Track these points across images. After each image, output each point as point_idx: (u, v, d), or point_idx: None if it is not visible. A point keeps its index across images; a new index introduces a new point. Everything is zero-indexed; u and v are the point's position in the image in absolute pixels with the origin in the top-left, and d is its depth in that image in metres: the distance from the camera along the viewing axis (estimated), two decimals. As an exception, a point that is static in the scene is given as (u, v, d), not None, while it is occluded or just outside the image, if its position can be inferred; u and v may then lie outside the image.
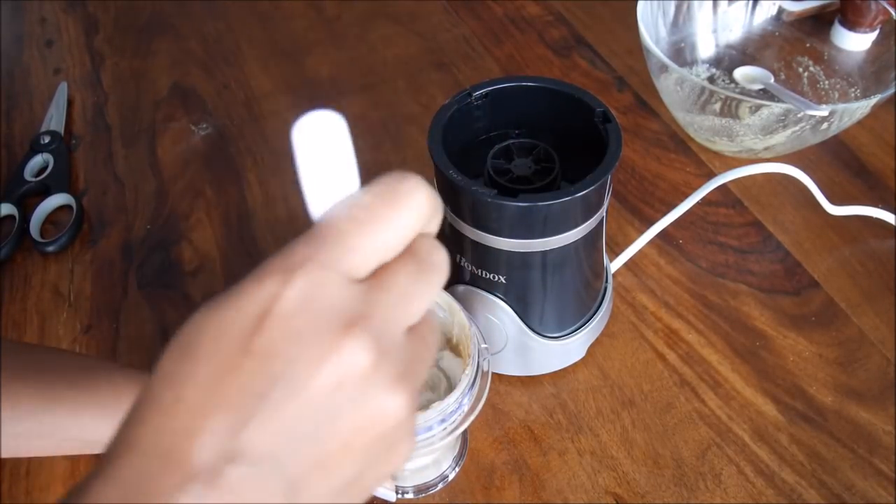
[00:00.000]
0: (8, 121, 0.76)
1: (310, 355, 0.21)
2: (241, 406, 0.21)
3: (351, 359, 0.21)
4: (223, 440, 0.20)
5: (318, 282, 0.22)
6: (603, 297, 0.54)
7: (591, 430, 0.51)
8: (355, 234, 0.23)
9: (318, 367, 0.21)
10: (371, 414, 0.22)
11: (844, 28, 0.69)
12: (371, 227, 0.23)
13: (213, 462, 0.20)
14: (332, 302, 0.22)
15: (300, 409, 0.21)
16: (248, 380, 0.21)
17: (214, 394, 0.21)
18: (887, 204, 0.63)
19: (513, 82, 0.49)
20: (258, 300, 0.21)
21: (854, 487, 0.48)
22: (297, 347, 0.21)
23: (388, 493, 0.46)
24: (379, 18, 0.86)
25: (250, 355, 0.21)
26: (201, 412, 0.21)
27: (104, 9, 0.89)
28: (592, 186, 0.42)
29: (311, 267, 0.22)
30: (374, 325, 0.22)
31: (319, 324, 0.21)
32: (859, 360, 0.54)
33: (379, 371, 0.22)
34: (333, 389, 0.21)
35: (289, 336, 0.21)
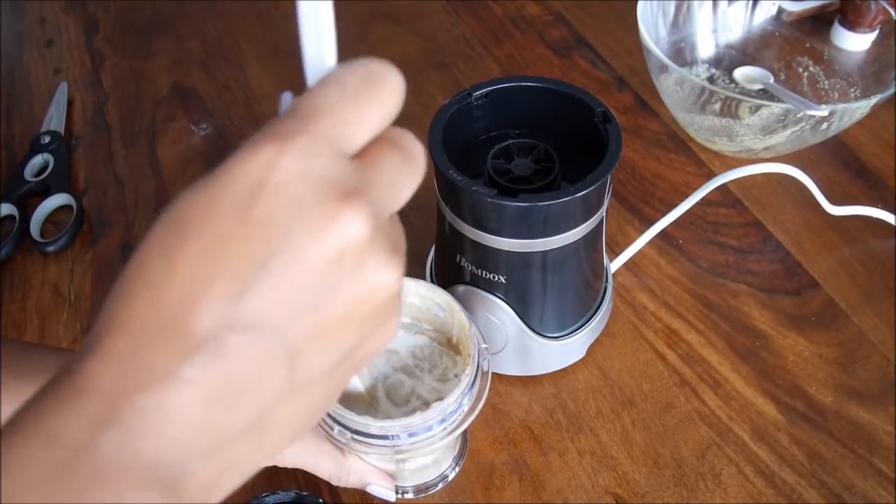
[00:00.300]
0: (8, 121, 0.76)
1: (310, 223, 0.21)
2: (240, 274, 0.20)
3: (351, 228, 0.21)
4: (224, 308, 0.20)
5: (314, 151, 0.21)
6: (603, 297, 0.54)
7: (591, 430, 0.51)
8: (345, 108, 0.23)
9: (318, 235, 0.21)
10: (368, 286, 0.22)
11: (844, 28, 0.69)
12: (360, 101, 0.23)
13: (214, 330, 0.20)
14: (330, 172, 0.22)
15: (301, 277, 0.21)
16: (246, 248, 0.20)
17: (211, 264, 0.20)
18: (887, 204, 0.63)
19: (513, 82, 0.49)
20: (253, 170, 0.21)
21: (854, 487, 0.48)
22: (297, 215, 0.21)
23: (387, 493, 0.46)
24: (379, 18, 0.86)
25: (248, 224, 0.20)
26: (198, 282, 0.20)
27: (104, 9, 0.89)
28: (592, 186, 0.42)
29: (305, 137, 0.21)
30: (371, 199, 0.22)
31: (318, 193, 0.21)
32: (859, 360, 0.54)
33: (374, 244, 0.22)
34: (333, 259, 0.21)
35: (288, 204, 0.21)
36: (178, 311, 0.20)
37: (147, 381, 0.19)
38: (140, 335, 0.20)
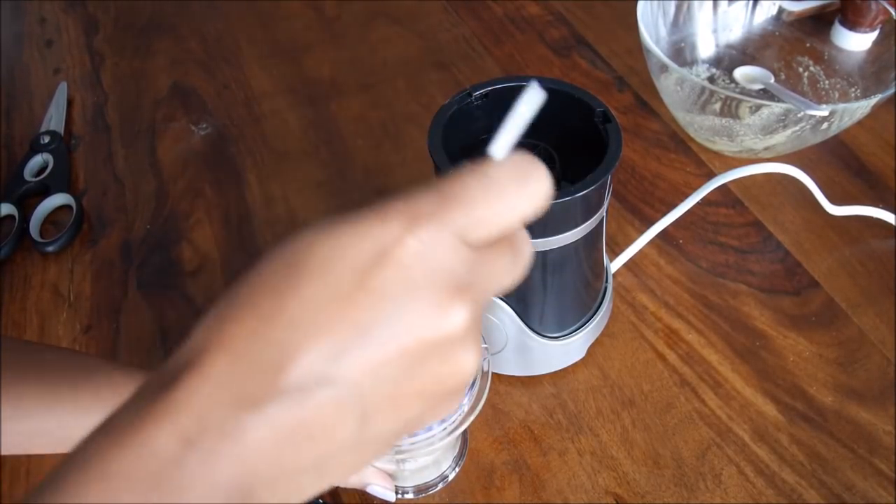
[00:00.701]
0: (8, 121, 0.76)
1: (419, 307, 0.22)
2: (343, 335, 0.21)
3: (454, 321, 0.22)
4: (320, 362, 0.21)
5: (439, 240, 0.22)
6: (603, 297, 0.54)
7: (591, 430, 0.51)
8: (483, 206, 0.23)
9: (423, 320, 0.22)
10: (452, 370, 0.23)
11: (844, 28, 0.69)
12: (499, 203, 0.24)
13: (308, 381, 0.21)
14: (448, 263, 0.23)
15: (395, 352, 0.22)
16: (356, 312, 0.21)
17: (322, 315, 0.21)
18: (887, 204, 0.63)
19: (513, 82, 0.49)
20: (380, 239, 0.22)
21: (854, 487, 0.48)
22: (410, 296, 0.22)
23: (387, 494, 0.46)
24: (379, 18, 0.86)
25: (363, 290, 0.21)
26: (304, 330, 0.21)
27: (104, 9, 0.89)
28: (592, 186, 0.42)
29: (435, 222, 0.22)
30: (477, 295, 0.23)
31: (434, 280, 0.22)
32: (859, 360, 0.54)
33: (468, 335, 0.23)
34: (429, 344, 0.22)
35: (404, 283, 0.22)
36: (279, 351, 0.21)
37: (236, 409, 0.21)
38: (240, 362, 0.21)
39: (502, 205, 0.24)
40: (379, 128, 0.73)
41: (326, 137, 0.72)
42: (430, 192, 0.23)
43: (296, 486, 0.23)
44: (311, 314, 0.21)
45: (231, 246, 0.63)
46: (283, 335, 0.21)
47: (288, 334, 0.21)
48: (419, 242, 0.22)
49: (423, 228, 0.22)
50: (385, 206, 0.23)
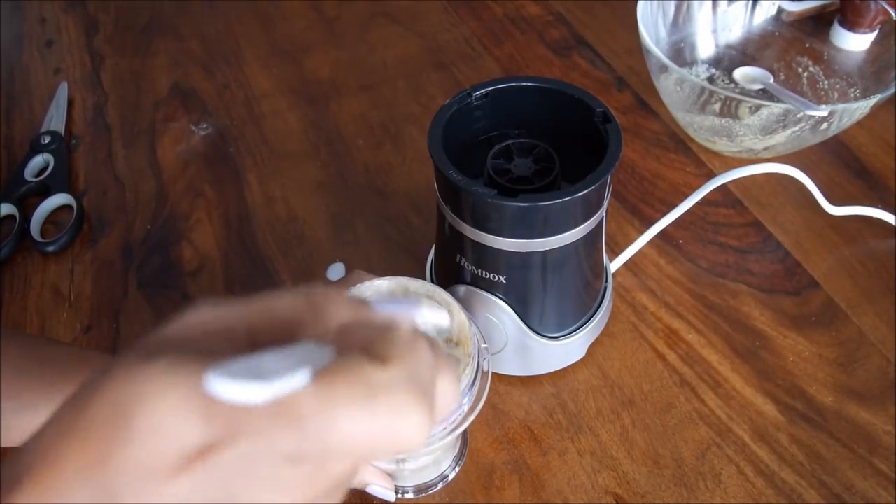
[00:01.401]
0: (8, 121, 0.76)
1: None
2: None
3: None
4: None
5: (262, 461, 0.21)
6: (603, 297, 0.54)
7: (591, 430, 0.51)
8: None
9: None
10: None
11: (844, 28, 0.69)
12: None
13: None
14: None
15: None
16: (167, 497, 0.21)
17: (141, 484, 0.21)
18: (887, 204, 0.63)
19: (513, 82, 0.49)
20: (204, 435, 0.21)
21: (854, 487, 0.48)
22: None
23: (387, 493, 0.46)
24: (379, 18, 0.86)
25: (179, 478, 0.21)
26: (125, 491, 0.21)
27: (104, 9, 0.89)
28: (592, 186, 0.42)
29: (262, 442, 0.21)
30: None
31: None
32: (859, 360, 0.54)
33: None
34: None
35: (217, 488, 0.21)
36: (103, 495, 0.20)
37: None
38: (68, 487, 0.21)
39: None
40: (379, 128, 0.73)
41: (326, 137, 0.72)
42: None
43: None
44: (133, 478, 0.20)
45: (231, 246, 0.64)
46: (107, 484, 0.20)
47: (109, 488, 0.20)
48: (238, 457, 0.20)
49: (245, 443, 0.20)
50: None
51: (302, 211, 0.66)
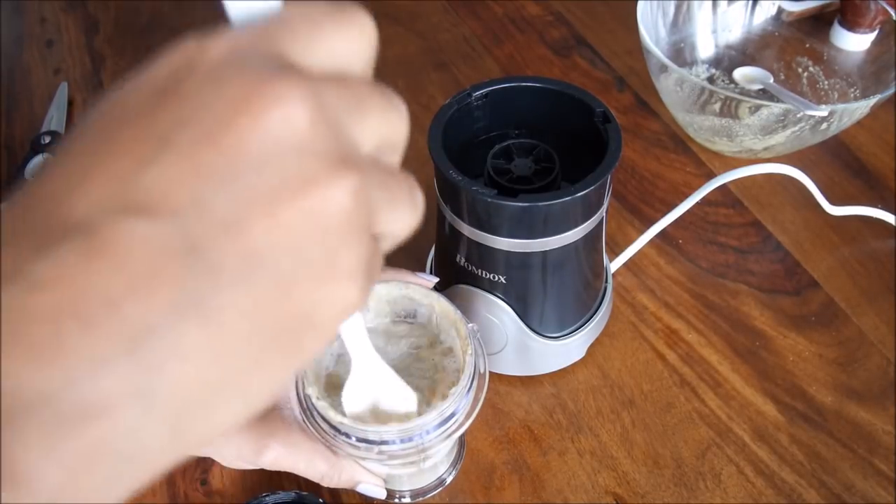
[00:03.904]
0: (8, 121, 0.76)
1: (231, 96, 0.17)
2: (137, 153, 0.16)
3: (282, 102, 0.17)
4: (109, 188, 0.16)
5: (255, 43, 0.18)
6: (603, 297, 0.54)
7: (591, 430, 0.51)
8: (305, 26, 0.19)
9: (240, 109, 0.16)
10: (306, 188, 0.17)
11: (844, 28, 0.69)
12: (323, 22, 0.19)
13: (90, 216, 0.15)
14: (266, 54, 0.18)
15: (212, 154, 0.16)
16: (152, 126, 0.16)
17: (108, 142, 0.16)
18: (887, 204, 0.63)
19: (513, 82, 0.49)
20: (176, 56, 0.18)
21: (854, 487, 0.48)
22: (216, 89, 0.17)
23: (378, 491, 0.46)
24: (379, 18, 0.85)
25: (161, 101, 0.17)
26: (86, 163, 0.16)
27: (104, 9, 0.89)
28: (592, 186, 0.42)
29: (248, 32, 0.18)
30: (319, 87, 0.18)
31: (245, 65, 0.17)
32: (859, 360, 0.54)
33: (319, 138, 0.17)
34: (259, 138, 0.16)
35: (211, 79, 0.17)
36: (50, 199, 0.16)
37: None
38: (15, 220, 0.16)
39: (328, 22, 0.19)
40: (379, 128, 0.73)
41: (326, 137, 0.72)
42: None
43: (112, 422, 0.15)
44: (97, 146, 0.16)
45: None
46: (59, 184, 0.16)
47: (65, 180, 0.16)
48: (228, 42, 0.17)
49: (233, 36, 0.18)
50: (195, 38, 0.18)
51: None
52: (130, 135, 0.16)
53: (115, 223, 0.15)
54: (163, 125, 0.16)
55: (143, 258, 0.15)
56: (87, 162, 0.16)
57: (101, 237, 0.15)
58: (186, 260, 0.16)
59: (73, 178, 0.16)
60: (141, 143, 0.16)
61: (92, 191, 0.15)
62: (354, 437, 0.39)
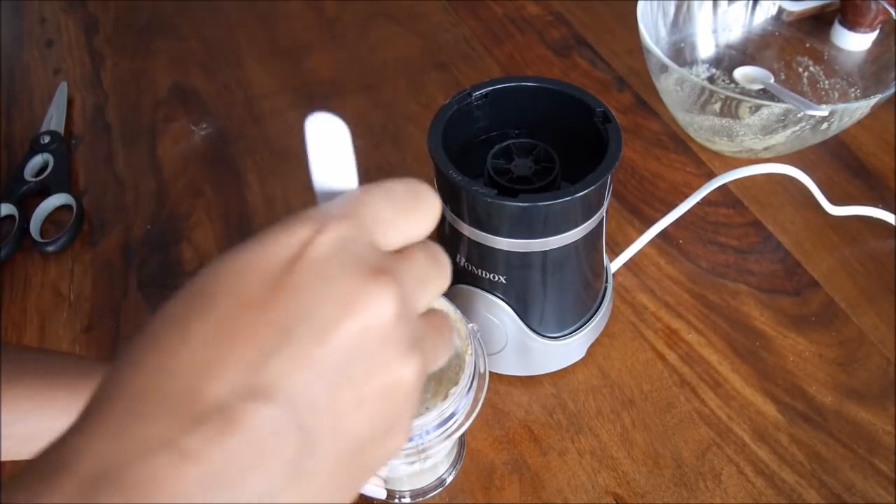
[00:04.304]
0: (8, 120, 0.76)
1: (338, 295, 0.20)
2: (262, 341, 0.19)
3: (378, 304, 0.21)
4: (241, 375, 0.19)
5: (352, 235, 0.22)
6: (603, 297, 0.54)
7: (591, 430, 0.51)
8: (389, 210, 0.23)
9: (346, 308, 0.20)
10: (388, 372, 0.21)
11: (844, 28, 0.69)
12: (402, 210, 0.24)
13: (226, 399, 0.18)
14: (364, 253, 0.22)
15: (324, 350, 0.20)
16: (273, 315, 0.20)
17: (232, 330, 0.19)
18: (887, 204, 0.63)
19: (513, 82, 0.49)
20: (289, 244, 0.21)
21: (854, 487, 0.48)
22: (326, 287, 0.20)
23: (378, 491, 0.46)
24: (379, 18, 0.86)
25: (278, 292, 0.20)
26: (216, 349, 0.19)
27: (104, 9, 0.89)
28: (592, 186, 0.42)
29: (346, 221, 0.22)
30: (401, 280, 0.22)
31: (351, 268, 0.21)
32: (859, 360, 0.54)
33: (399, 328, 0.21)
34: (357, 335, 0.20)
35: (318, 276, 0.20)
36: (188, 379, 0.18)
37: (139, 453, 0.17)
38: (140, 404, 0.18)
39: (405, 210, 0.24)
40: (379, 128, 0.73)
41: (326, 137, 0.72)
42: (335, 202, 0.23)
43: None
44: (223, 332, 0.19)
45: (231, 246, 0.63)
46: (192, 361, 0.19)
47: (198, 358, 0.19)
48: (331, 238, 0.21)
49: (334, 227, 0.21)
50: (290, 218, 0.22)
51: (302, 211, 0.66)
52: (254, 323, 0.19)
53: (246, 407, 0.18)
54: (281, 317, 0.20)
55: (265, 435, 0.19)
56: (220, 344, 0.19)
57: (235, 418, 0.18)
58: (295, 437, 0.19)
59: (209, 358, 0.19)
60: (264, 333, 0.19)
61: (227, 375, 0.19)
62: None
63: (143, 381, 0.19)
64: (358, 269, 0.21)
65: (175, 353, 0.19)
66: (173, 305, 0.20)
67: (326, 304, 0.20)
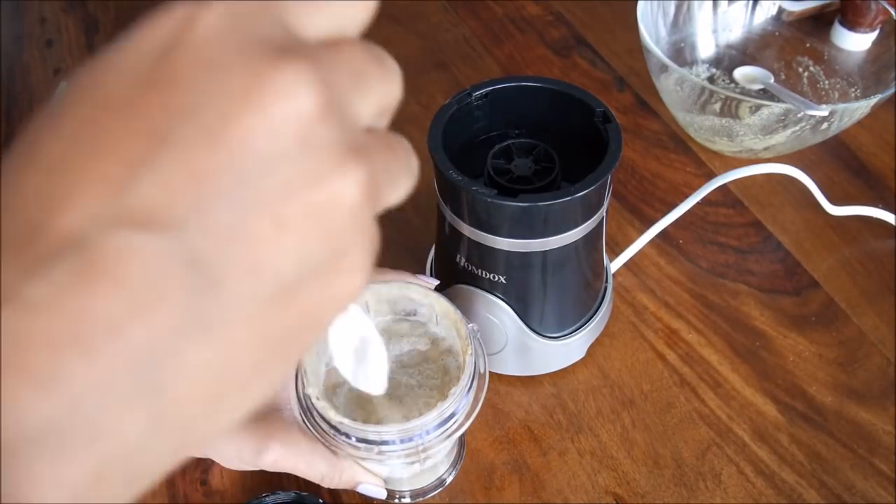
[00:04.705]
0: (8, 120, 0.76)
1: (232, 84, 0.15)
2: (131, 150, 0.14)
3: (288, 92, 0.15)
4: (102, 197, 0.14)
5: (251, 9, 0.16)
6: (603, 297, 0.54)
7: (591, 430, 0.51)
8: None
9: (242, 99, 0.15)
10: (316, 186, 0.16)
11: (844, 28, 0.69)
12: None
13: (82, 229, 0.14)
14: (269, 31, 0.16)
15: (214, 156, 0.15)
16: (144, 117, 0.15)
17: (95, 139, 0.15)
18: (887, 204, 0.63)
19: (513, 82, 0.49)
20: (163, 30, 0.16)
21: (854, 487, 0.48)
22: (216, 75, 0.15)
23: (379, 491, 0.46)
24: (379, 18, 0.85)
25: (148, 89, 0.15)
26: (73, 164, 0.14)
27: (104, 9, 0.89)
28: (592, 186, 0.42)
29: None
30: (324, 67, 0.16)
31: (250, 48, 0.15)
32: (859, 360, 0.54)
33: (327, 128, 0.16)
34: (262, 134, 0.15)
35: (207, 62, 0.15)
36: (34, 211, 0.14)
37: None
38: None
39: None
40: (379, 128, 0.73)
41: (326, 137, 0.72)
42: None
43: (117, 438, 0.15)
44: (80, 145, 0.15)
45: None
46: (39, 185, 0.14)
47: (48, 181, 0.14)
48: (220, 11, 0.16)
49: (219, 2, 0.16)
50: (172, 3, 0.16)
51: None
52: (119, 129, 0.15)
53: (112, 238, 0.14)
54: (156, 118, 0.15)
55: (143, 276, 0.14)
56: (73, 162, 0.15)
57: (96, 254, 0.14)
58: (188, 275, 0.15)
59: (59, 181, 0.14)
60: (133, 141, 0.15)
61: (83, 200, 0.14)
62: (354, 437, 0.39)
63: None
64: (260, 49, 0.16)
65: (21, 182, 0.15)
66: (28, 128, 0.15)
67: (216, 96, 0.15)
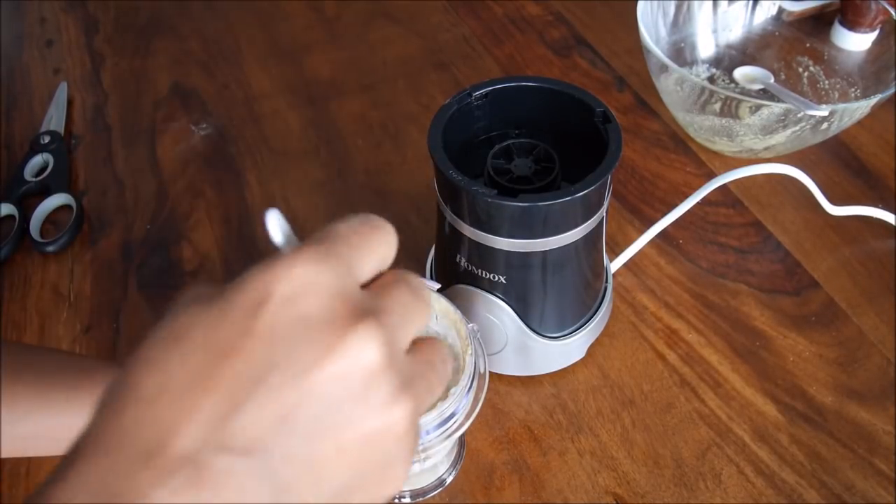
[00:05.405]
0: (8, 120, 0.76)
1: (316, 341, 0.20)
2: (233, 391, 0.19)
3: (360, 349, 0.20)
4: (210, 427, 0.19)
5: (326, 266, 0.21)
6: (603, 297, 0.54)
7: (591, 430, 0.51)
8: (352, 236, 0.22)
9: (323, 354, 0.19)
10: (373, 419, 0.20)
11: (844, 28, 0.69)
12: (366, 236, 0.23)
13: (195, 452, 0.18)
14: (342, 288, 0.21)
15: (299, 398, 0.19)
16: (244, 364, 0.19)
17: (206, 379, 0.19)
18: (887, 204, 0.63)
19: (513, 82, 0.49)
20: (262, 283, 0.20)
21: (854, 487, 0.48)
22: (303, 330, 0.20)
23: None
24: (379, 18, 0.86)
25: (249, 338, 0.19)
26: (189, 398, 0.19)
27: (104, 9, 0.89)
28: (592, 186, 0.42)
29: (317, 253, 0.21)
30: (385, 322, 0.21)
31: (328, 309, 0.20)
32: (859, 360, 0.54)
33: (387, 373, 0.20)
34: (337, 382, 0.20)
35: (294, 318, 0.20)
36: (162, 430, 0.18)
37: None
38: (118, 456, 0.18)
39: (368, 235, 0.23)
40: (379, 128, 0.73)
41: (326, 137, 0.72)
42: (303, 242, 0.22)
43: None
44: (195, 380, 0.19)
45: (231, 246, 0.63)
46: (168, 411, 0.19)
47: (173, 409, 0.19)
48: (303, 271, 0.20)
49: (305, 261, 0.20)
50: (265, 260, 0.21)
51: (302, 211, 0.66)
52: (224, 374, 0.19)
53: (216, 460, 0.18)
54: (254, 366, 0.19)
55: (235, 487, 0.18)
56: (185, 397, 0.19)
57: (205, 472, 0.18)
58: (268, 487, 0.19)
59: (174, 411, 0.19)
60: (235, 383, 0.19)
61: (195, 429, 0.18)
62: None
63: (122, 431, 0.19)
64: (338, 309, 0.20)
65: (152, 402, 0.19)
66: (150, 348, 0.20)
67: (302, 348, 0.19)
